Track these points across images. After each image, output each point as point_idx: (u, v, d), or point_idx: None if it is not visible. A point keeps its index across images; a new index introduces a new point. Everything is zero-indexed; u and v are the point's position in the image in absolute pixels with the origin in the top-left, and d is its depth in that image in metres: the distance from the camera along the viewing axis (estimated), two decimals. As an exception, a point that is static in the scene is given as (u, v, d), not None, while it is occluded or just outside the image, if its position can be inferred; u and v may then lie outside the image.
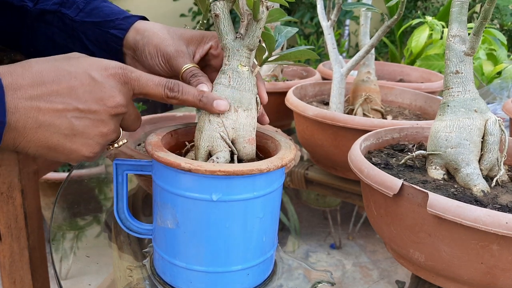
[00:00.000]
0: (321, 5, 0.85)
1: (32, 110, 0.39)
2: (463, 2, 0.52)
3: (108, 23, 0.56)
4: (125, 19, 0.56)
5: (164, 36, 0.53)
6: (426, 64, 1.40)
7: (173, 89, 0.46)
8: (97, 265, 0.59)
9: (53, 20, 0.57)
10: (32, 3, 0.57)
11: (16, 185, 0.84)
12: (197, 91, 0.47)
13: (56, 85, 0.40)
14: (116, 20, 0.56)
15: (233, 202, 0.44)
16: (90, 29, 0.56)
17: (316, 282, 0.52)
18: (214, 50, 0.55)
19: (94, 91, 0.42)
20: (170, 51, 0.52)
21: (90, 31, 0.56)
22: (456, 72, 0.52)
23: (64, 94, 0.40)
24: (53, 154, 0.42)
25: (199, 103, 0.46)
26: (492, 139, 0.51)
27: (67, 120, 0.41)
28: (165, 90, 0.46)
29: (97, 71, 0.42)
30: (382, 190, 0.48)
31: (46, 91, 0.40)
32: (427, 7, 2.98)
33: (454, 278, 0.47)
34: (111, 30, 0.55)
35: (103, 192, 0.84)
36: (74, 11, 0.56)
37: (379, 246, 0.65)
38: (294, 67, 1.20)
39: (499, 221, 0.41)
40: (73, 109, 0.41)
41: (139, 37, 0.54)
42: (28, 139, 0.40)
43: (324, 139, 0.76)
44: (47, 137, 0.40)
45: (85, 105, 0.41)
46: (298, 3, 2.78)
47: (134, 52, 0.55)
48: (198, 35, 0.55)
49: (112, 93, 0.43)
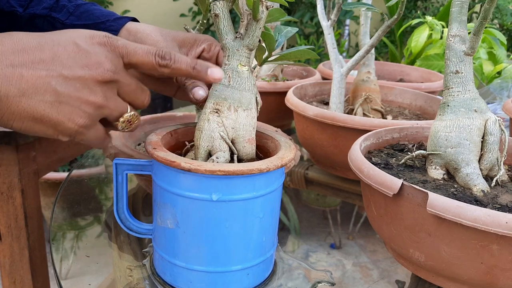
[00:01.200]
0: (321, 5, 0.85)
1: (14, 77, 0.37)
2: (463, 2, 0.52)
3: (98, 25, 0.55)
4: (116, 20, 0.56)
5: (157, 37, 0.53)
6: (426, 64, 1.40)
7: (164, 57, 0.43)
8: (97, 265, 0.59)
9: (43, 24, 0.56)
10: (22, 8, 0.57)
11: (16, 185, 0.84)
12: (190, 60, 0.45)
13: (39, 51, 0.39)
14: (106, 22, 0.55)
15: (233, 202, 0.44)
16: None
17: (316, 282, 0.52)
18: (207, 53, 0.55)
19: (79, 57, 0.40)
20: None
21: None
22: (456, 72, 0.52)
23: (48, 60, 0.39)
24: (40, 126, 0.40)
25: (193, 71, 0.44)
26: (492, 139, 0.51)
27: (51, 87, 0.39)
28: (156, 57, 0.43)
29: (82, 39, 0.41)
30: (382, 190, 0.48)
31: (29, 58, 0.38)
32: (427, 7, 2.98)
33: (454, 278, 0.47)
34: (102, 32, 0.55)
35: (103, 192, 0.84)
36: (65, 15, 0.56)
37: (379, 246, 0.65)
38: (294, 67, 1.20)
39: (499, 221, 0.41)
40: (57, 76, 0.39)
41: (131, 38, 0.54)
42: (12, 110, 0.38)
43: (324, 139, 0.76)
44: (32, 106, 0.38)
45: (70, 71, 0.39)
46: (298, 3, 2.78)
47: None
48: (191, 37, 0.55)
49: (98, 59, 0.41)
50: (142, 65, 0.43)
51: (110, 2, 2.93)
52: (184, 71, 0.44)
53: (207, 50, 0.55)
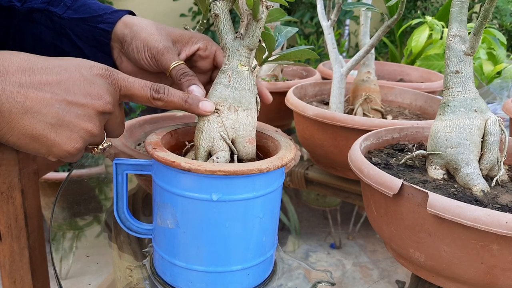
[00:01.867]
0: (321, 5, 0.85)
1: (20, 95, 0.39)
2: (463, 2, 0.52)
3: (96, 18, 0.56)
4: (113, 13, 0.56)
5: (153, 31, 0.53)
6: (426, 64, 1.40)
7: (158, 91, 0.46)
8: (97, 265, 0.59)
9: (41, 18, 0.57)
10: (20, 2, 0.57)
11: (16, 185, 0.84)
12: (182, 93, 0.47)
13: (46, 74, 0.40)
14: (104, 15, 0.56)
15: (233, 202, 0.44)
16: (78, 25, 0.56)
17: (316, 282, 0.52)
18: (202, 51, 0.55)
19: (84, 86, 0.42)
20: (158, 46, 0.52)
21: (78, 28, 0.56)
22: (456, 72, 0.52)
23: (54, 84, 0.40)
24: (35, 145, 0.41)
25: (185, 104, 0.47)
26: (492, 139, 0.51)
27: (54, 109, 0.40)
28: (151, 91, 0.46)
29: (86, 69, 0.43)
30: (382, 190, 0.48)
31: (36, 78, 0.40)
32: (427, 7, 2.98)
33: (454, 278, 0.47)
34: (99, 24, 0.55)
35: (103, 192, 0.84)
36: (62, 9, 0.56)
37: (379, 246, 0.65)
38: (294, 67, 1.20)
39: (499, 221, 0.41)
40: (61, 100, 0.40)
41: (127, 30, 0.54)
42: (12, 125, 0.39)
43: (324, 139, 0.76)
44: (32, 125, 0.40)
45: (74, 98, 0.41)
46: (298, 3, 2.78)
47: (121, 45, 0.55)
48: (187, 34, 0.55)
49: (100, 91, 0.43)
50: (138, 98, 0.46)
51: (110, 2, 2.93)
52: (176, 104, 0.47)
53: (203, 48, 0.55)
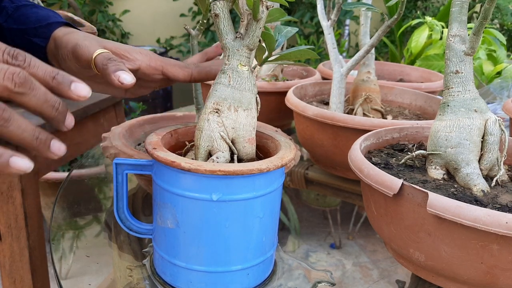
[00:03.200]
0: (321, 5, 0.85)
1: None
2: (463, 2, 0.52)
3: (31, 30, 0.53)
4: (48, 26, 0.53)
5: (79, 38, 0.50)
6: (426, 64, 1.40)
7: (16, 57, 0.36)
8: (97, 265, 0.59)
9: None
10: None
11: (16, 185, 0.84)
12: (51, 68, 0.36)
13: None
14: (39, 28, 0.53)
15: (233, 202, 0.44)
16: (18, 36, 0.53)
17: (316, 282, 0.52)
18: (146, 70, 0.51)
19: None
20: (76, 42, 0.48)
21: (17, 38, 0.53)
22: (456, 72, 0.52)
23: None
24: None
25: (52, 81, 0.36)
26: (492, 139, 0.51)
27: None
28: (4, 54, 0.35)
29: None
30: (382, 190, 0.48)
31: None
32: (427, 7, 2.98)
33: (454, 277, 0.47)
34: (33, 38, 0.53)
35: (103, 191, 0.84)
36: (3, 17, 0.54)
37: (379, 246, 0.65)
38: (294, 67, 1.20)
39: (499, 221, 0.41)
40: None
41: (58, 42, 0.51)
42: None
43: (324, 139, 0.76)
44: None
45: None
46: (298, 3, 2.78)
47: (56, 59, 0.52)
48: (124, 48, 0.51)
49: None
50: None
51: (110, 2, 2.93)
52: (40, 78, 0.36)
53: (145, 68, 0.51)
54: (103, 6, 2.88)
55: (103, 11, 2.87)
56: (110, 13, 2.94)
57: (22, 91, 0.34)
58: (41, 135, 0.36)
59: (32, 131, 0.35)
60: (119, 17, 2.96)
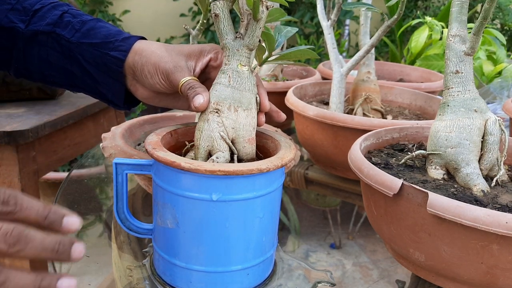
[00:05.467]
0: (321, 5, 0.85)
1: None
2: (463, 2, 0.52)
3: (107, 44, 0.54)
4: (124, 40, 0.55)
5: (162, 53, 0.52)
6: (426, 64, 1.40)
7: (7, 202, 0.35)
8: (97, 265, 0.59)
9: (47, 41, 0.55)
10: (23, 24, 0.55)
11: (16, 185, 0.84)
12: (42, 207, 0.36)
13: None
14: (115, 42, 0.54)
15: (233, 202, 0.44)
16: (88, 50, 0.54)
17: (316, 282, 0.52)
18: (214, 61, 0.54)
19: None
20: (168, 68, 0.51)
21: (88, 53, 0.54)
22: (456, 72, 0.52)
23: None
24: None
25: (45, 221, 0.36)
26: (492, 139, 0.51)
27: None
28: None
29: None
30: (382, 190, 0.48)
31: None
32: (427, 6, 2.98)
33: (454, 277, 0.47)
34: (111, 52, 0.54)
35: (103, 191, 0.84)
36: (70, 32, 0.55)
37: (379, 246, 0.65)
38: (294, 67, 1.20)
39: (499, 221, 0.41)
40: None
41: (137, 57, 0.53)
42: None
43: (324, 139, 0.76)
44: None
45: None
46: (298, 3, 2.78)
47: (134, 73, 0.54)
48: (197, 49, 0.54)
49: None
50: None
51: (110, 2, 2.93)
52: (33, 220, 0.36)
53: (214, 59, 0.54)
54: (103, 6, 2.88)
55: (103, 11, 2.87)
56: (110, 13, 2.94)
57: (18, 249, 0.34)
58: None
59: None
60: (119, 17, 2.96)
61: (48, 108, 0.96)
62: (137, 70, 0.54)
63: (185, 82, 0.51)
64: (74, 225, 0.37)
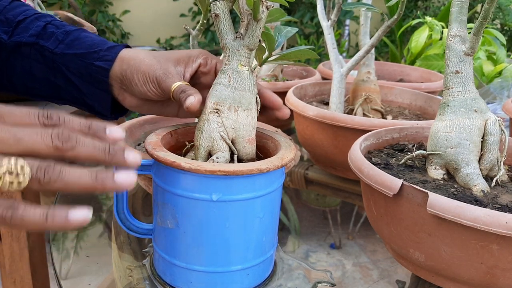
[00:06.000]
0: (321, 5, 0.85)
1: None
2: (463, 2, 0.52)
3: (91, 54, 0.54)
4: (109, 49, 0.54)
5: (151, 61, 0.52)
6: (425, 64, 1.40)
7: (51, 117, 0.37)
8: (97, 265, 0.59)
9: (31, 52, 0.54)
10: (6, 35, 0.54)
11: (16, 185, 0.84)
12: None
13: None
14: (100, 52, 0.54)
15: (233, 202, 0.44)
16: (72, 60, 0.54)
17: (316, 282, 0.52)
18: (203, 67, 0.54)
19: None
20: (159, 75, 0.51)
21: (72, 63, 0.54)
22: (456, 72, 0.52)
23: None
24: None
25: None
26: (492, 139, 0.51)
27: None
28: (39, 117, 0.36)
29: None
30: (382, 190, 0.48)
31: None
32: (427, 6, 2.98)
33: (454, 278, 0.47)
34: (96, 62, 0.53)
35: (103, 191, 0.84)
36: (54, 43, 0.54)
37: (379, 246, 0.65)
38: (294, 67, 1.20)
39: (499, 221, 0.41)
40: None
41: (125, 66, 0.53)
42: None
43: (324, 139, 0.76)
44: None
45: None
46: (298, 3, 2.78)
47: (121, 82, 0.54)
48: (185, 55, 0.54)
49: None
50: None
51: (110, 2, 2.93)
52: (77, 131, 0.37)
53: (204, 64, 0.54)
54: (103, 6, 2.88)
55: (103, 11, 2.87)
56: (110, 13, 2.94)
57: (71, 146, 0.35)
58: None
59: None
60: (119, 17, 2.96)
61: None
62: (125, 79, 0.53)
63: (177, 87, 0.50)
64: (118, 133, 0.38)
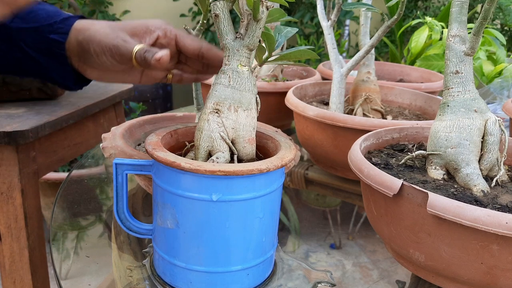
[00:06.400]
0: (321, 5, 0.85)
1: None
2: (463, 2, 0.52)
3: (46, 27, 0.53)
4: (63, 21, 0.53)
5: (106, 31, 0.51)
6: (425, 64, 1.40)
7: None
8: (97, 265, 0.59)
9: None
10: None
11: (16, 185, 0.84)
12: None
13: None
14: (54, 24, 0.53)
15: (233, 202, 0.44)
16: (29, 35, 0.53)
17: (316, 282, 0.52)
18: (163, 39, 0.53)
19: None
20: (116, 43, 0.50)
21: (29, 38, 0.53)
22: (456, 72, 0.52)
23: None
24: None
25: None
26: (492, 139, 0.51)
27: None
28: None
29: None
30: (382, 190, 0.48)
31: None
32: (427, 7, 2.98)
33: (454, 278, 0.47)
34: (51, 35, 0.52)
35: (103, 192, 0.84)
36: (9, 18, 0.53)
37: (379, 246, 0.65)
38: (294, 67, 1.20)
39: (499, 221, 0.41)
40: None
41: (80, 37, 0.52)
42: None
43: (324, 139, 0.76)
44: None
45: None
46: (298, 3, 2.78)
47: (78, 54, 0.53)
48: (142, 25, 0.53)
49: None
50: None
51: (110, 2, 2.93)
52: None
53: (162, 36, 0.53)
54: (103, 6, 2.88)
55: (103, 11, 2.87)
56: (110, 13, 2.94)
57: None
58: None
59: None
60: (119, 17, 2.96)
61: (48, 108, 0.96)
62: (82, 51, 0.52)
63: (139, 48, 0.49)
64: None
